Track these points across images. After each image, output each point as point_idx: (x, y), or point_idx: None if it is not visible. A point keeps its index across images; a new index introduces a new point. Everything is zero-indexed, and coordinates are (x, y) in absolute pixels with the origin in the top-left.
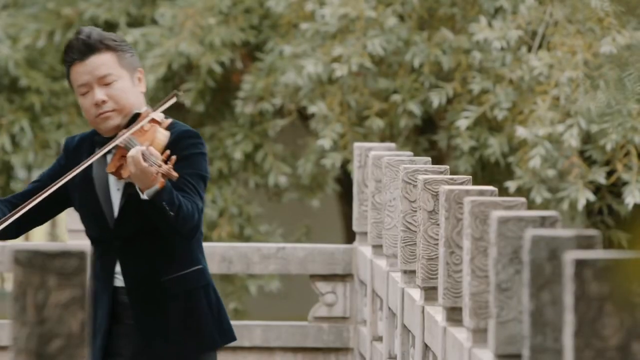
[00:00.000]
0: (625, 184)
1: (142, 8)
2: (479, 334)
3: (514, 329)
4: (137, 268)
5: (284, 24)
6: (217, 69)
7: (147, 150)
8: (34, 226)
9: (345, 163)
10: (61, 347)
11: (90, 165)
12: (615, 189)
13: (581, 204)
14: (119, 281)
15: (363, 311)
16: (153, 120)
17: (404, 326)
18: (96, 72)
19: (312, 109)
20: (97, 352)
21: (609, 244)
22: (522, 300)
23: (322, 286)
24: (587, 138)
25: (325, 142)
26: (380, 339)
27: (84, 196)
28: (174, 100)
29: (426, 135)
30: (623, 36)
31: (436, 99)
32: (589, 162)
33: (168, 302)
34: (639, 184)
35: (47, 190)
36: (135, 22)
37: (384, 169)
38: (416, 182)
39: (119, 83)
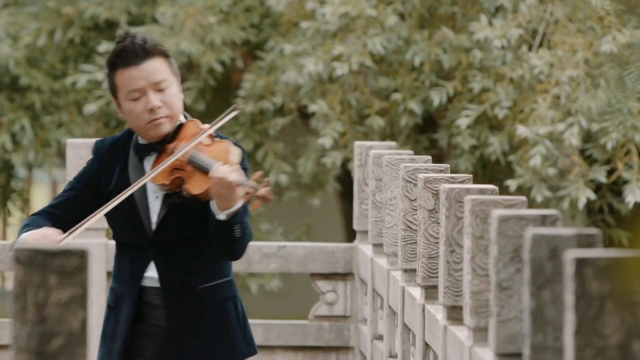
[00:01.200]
0: (625, 182)
1: (142, 7)
2: (480, 333)
3: (514, 327)
4: (173, 275)
5: (284, 23)
6: (218, 67)
7: (233, 170)
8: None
9: (346, 162)
10: (62, 345)
11: (126, 172)
12: (616, 187)
13: (582, 203)
14: (147, 282)
15: (364, 310)
16: (210, 135)
17: (405, 325)
18: (152, 77)
19: (312, 108)
20: (118, 351)
21: (609, 242)
22: (523, 299)
23: (322, 285)
24: (588, 137)
25: (326, 141)
26: (380, 337)
27: (121, 202)
28: (235, 113)
29: (427, 134)
30: (623, 35)
31: (437, 98)
32: (590, 160)
33: (202, 310)
34: (639, 182)
35: (107, 206)
36: (135, 21)
37: (385, 168)
38: (417, 180)
39: (172, 89)
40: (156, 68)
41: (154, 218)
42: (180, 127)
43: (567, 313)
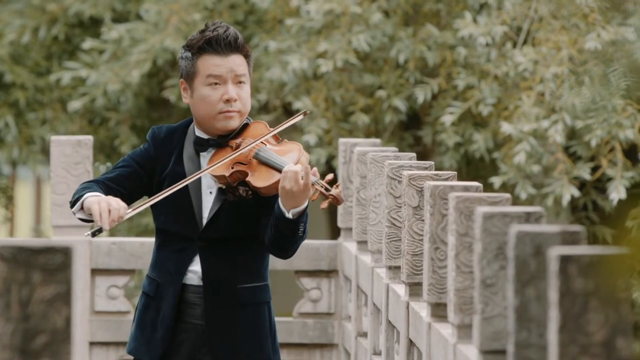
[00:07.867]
0: (609, 179)
1: (127, 4)
2: (464, 330)
3: (498, 324)
4: (217, 271)
5: (269, 20)
6: None
7: (307, 169)
8: None
9: (331, 159)
10: (46, 343)
11: (181, 162)
12: (600, 184)
13: (566, 200)
14: (189, 279)
15: (348, 307)
16: (275, 137)
17: (389, 322)
18: (235, 70)
19: (297, 105)
20: (158, 343)
21: (593, 239)
22: (507, 296)
23: (307, 282)
24: (572, 134)
25: (311, 138)
26: (365, 334)
27: (174, 193)
28: (300, 117)
29: (411, 131)
30: (608, 32)
31: (421, 95)
32: (574, 158)
33: (239, 310)
34: (623, 179)
35: (169, 190)
36: (120, 18)
37: (369, 165)
38: (401, 177)
39: (247, 87)
40: (241, 62)
41: (206, 213)
42: (245, 126)
43: (551, 310)
